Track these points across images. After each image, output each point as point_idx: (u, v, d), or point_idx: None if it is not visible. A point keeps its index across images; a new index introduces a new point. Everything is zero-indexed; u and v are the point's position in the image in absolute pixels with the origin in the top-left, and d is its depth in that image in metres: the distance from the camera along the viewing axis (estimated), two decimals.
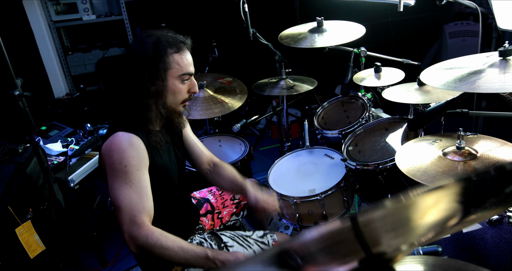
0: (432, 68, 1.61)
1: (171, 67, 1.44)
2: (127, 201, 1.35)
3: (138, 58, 1.42)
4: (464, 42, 4.60)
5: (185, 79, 1.49)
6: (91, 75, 4.04)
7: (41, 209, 1.87)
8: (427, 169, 1.43)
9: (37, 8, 3.67)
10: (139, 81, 1.43)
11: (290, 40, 2.36)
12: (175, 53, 1.45)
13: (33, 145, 1.69)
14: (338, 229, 0.59)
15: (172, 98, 1.49)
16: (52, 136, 2.73)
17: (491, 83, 1.33)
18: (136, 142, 1.40)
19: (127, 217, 1.34)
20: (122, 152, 1.37)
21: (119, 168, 1.36)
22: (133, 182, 1.37)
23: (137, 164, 1.38)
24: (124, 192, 1.36)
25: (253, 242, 1.75)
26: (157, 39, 1.43)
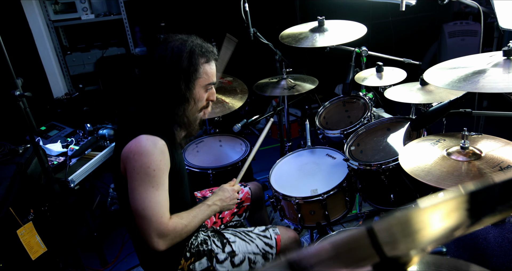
0: (435, 68, 1.61)
1: (200, 77, 1.48)
2: (154, 203, 1.38)
3: (172, 65, 1.43)
4: (463, 42, 4.60)
5: (209, 88, 1.54)
6: (90, 75, 4.02)
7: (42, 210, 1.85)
8: (431, 169, 1.43)
9: (35, 7, 3.65)
10: (172, 88, 1.44)
11: (291, 40, 2.35)
12: (205, 63, 1.48)
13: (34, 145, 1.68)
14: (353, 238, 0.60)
15: (195, 106, 1.52)
16: (51, 136, 2.72)
17: (495, 83, 1.32)
18: (162, 146, 1.42)
19: (154, 220, 1.37)
20: (150, 156, 1.37)
21: (147, 172, 1.37)
22: (159, 186, 1.40)
23: (164, 167, 1.41)
24: (151, 195, 1.38)
25: (255, 236, 1.76)
26: (191, 49, 1.45)
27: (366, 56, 2.45)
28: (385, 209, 2.02)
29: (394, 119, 2.17)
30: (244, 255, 1.68)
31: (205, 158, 2.60)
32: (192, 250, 1.65)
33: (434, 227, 0.62)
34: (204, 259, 1.63)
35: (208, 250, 1.66)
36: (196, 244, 1.67)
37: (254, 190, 2.14)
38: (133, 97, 1.55)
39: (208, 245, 1.68)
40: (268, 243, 1.74)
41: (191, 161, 2.50)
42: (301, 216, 2.07)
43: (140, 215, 1.38)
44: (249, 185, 2.15)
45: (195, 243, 1.67)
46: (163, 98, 1.46)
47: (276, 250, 1.75)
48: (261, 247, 1.72)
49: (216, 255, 1.65)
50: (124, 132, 1.50)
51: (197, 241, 1.68)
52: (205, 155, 2.63)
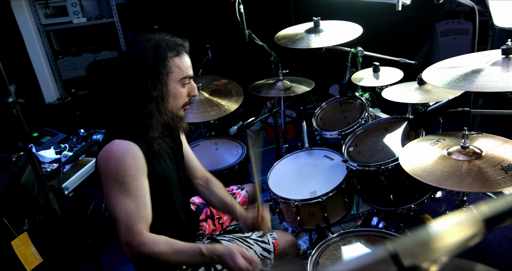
0: (433, 67, 1.60)
1: (172, 71, 1.42)
2: (124, 211, 1.32)
3: (138, 64, 1.38)
4: (455, 40, 4.63)
5: (186, 83, 1.48)
6: (82, 79, 3.97)
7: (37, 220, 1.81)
8: (433, 170, 1.42)
9: (26, 11, 3.59)
10: (140, 87, 1.39)
11: (287, 41, 2.33)
12: (175, 56, 1.42)
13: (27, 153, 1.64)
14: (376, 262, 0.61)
15: (173, 103, 1.47)
16: (44, 143, 2.66)
17: (495, 82, 1.32)
18: (133, 150, 1.36)
19: (123, 227, 1.32)
20: (119, 161, 1.33)
21: (115, 177, 1.33)
22: (130, 192, 1.34)
23: (134, 173, 1.35)
24: (121, 202, 1.33)
25: (253, 242, 1.73)
26: (156, 43, 1.40)
27: (362, 56, 2.44)
28: (385, 209, 2.01)
29: (392, 119, 2.16)
30: None
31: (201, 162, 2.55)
32: None
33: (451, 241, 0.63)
34: (201, 269, 1.60)
35: None
36: None
37: (251, 192, 2.11)
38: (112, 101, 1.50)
39: None
40: (266, 248, 1.72)
41: None
42: (300, 219, 2.05)
43: (114, 220, 1.34)
44: (245, 187, 2.13)
45: None
46: (134, 99, 1.40)
47: (274, 254, 1.73)
48: (259, 252, 1.70)
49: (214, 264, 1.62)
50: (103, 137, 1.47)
51: None
52: (201, 158, 2.59)
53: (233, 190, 2.11)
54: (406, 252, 0.60)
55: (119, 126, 1.43)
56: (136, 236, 1.31)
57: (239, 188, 2.12)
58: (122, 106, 1.44)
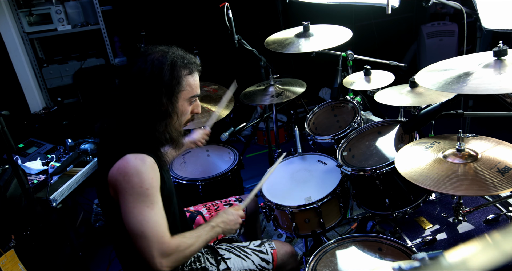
0: (426, 70, 1.59)
1: (184, 90, 1.42)
2: (152, 224, 1.30)
3: (152, 79, 1.35)
4: (441, 42, 4.68)
5: (193, 101, 1.49)
6: (68, 88, 3.90)
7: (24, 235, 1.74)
8: (429, 173, 1.41)
9: (8, 19, 3.52)
10: (151, 102, 1.37)
11: (277, 46, 2.32)
12: (188, 75, 1.42)
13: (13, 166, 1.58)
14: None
15: (180, 119, 1.46)
16: (30, 154, 2.60)
17: (489, 84, 1.31)
18: (152, 163, 1.35)
19: (155, 240, 1.30)
20: (141, 175, 1.30)
21: (140, 191, 1.29)
22: (154, 204, 1.33)
23: (156, 185, 1.35)
24: (147, 215, 1.30)
25: (251, 251, 1.70)
26: (173, 60, 1.37)
27: (352, 60, 2.44)
28: (381, 213, 1.99)
29: (385, 123, 2.15)
30: None
31: (193, 169, 2.53)
32: (185, 268, 1.58)
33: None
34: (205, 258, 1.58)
35: (202, 268, 1.59)
36: (189, 262, 1.60)
37: (250, 205, 2.09)
38: (113, 111, 1.46)
39: (201, 263, 1.61)
40: (264, 259, 1.69)
41: (179, 173, 2.42)
42: (295, 225, 2.02)
43: (139, 237, 1.29)
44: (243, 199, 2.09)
45: (188, 261, 1.60)
46: (145, 114, 1.38)
47: (272, 265, 1.70)
48: (257, 263, 1.67)
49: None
50: (107, 150, 1.42)
51: (190, 259, 1.61)
52: (193, 166, 2.56)
53: (231, 201, 2.08)
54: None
55: (129, 139, 1.39)
56: (170, 243, 1.33)
57: (237, 199, 2.09)
58: (133, 119, 1.39)
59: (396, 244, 1.63)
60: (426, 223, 1.88)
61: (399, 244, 1.62)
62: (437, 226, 1.86)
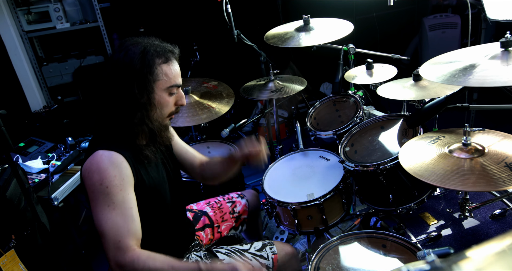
0: (430, 63, 1.56)
1: (159, 79, 1.34)
2: (111, 225, 1.24)
3: (124, 69, 1.31)
4: (444, 34, 4.62)
5: (173, 92, 1.40)
6: (68, 86, 3.88)
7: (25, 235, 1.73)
8: (435, 169, 1.37)
9: (7, 18, 3.49)
10: (125, 94, 1.32)
11: (277, 40, 2.28)
12: (163, 63, 1.35)
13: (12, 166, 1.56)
14: None
15: (159, 112, 1.39)
16: (31, 152, 2.58)
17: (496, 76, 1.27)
18: (117, 160, 1.29)
19: (111, 243, 1.23)
20: (102, 172, 1.26)
21: (100, 189, 1.25)
22: (116, 204, 1.26)
23: (119, 183, 1.27)
24: (107, 215, 1.25)
25: (251, 256, 1.67)
26: (144, 48, 1.32)
27: (353, 53, 2.40)
28: (384, 209, 1.97)
29: (388, 117, 2.12)
30: None
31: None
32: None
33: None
34: None
35: None
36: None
37: (252, 201, 2.06)
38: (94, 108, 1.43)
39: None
40: (264, 264, 1.66)
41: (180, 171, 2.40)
42: (298, 222, 2.00)
43: (100, 236, 1.26)
44: (246, 195, 2.07)
45: None
46: (120, 106, 1.33)
47: (273, 270, 1.68)
48: None
49: None
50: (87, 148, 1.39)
51: None
52: None
53: (233, 198, 2.05)
54: None
55: (103, 135, 1.36)
56: (127, 252, 1.23)
57: (239, 196, 2.07)
58: (107, 114, 1.36)
59: (401, 241, 1.60)
60: (430, 219, 1.85)
61: (403, 241, 1.59)
62: (442, 221, 1.83)
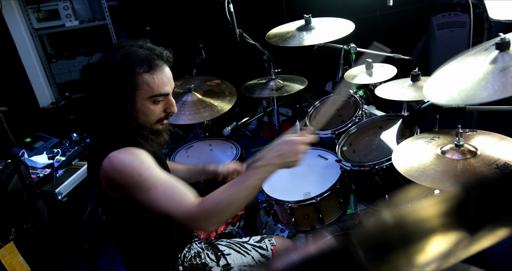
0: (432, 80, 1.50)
1: (140, 88, 1.30)
2: (164, 201, 1.25)
3: (106, 73, 1.30)
4: (452, 33, 4.57)
5: (158, 101, 1.36)
6: (76, 83, 3.95)
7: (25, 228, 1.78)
8: (425, 169, 1.38)
9: (17, 16, 3.57)
10: (108, 99, 1.31)
11: (278, 39, 2.30)
12: (145, 73, 1.30)
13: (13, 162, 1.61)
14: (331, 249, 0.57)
15: (144, 119, 1.37)
16: (37, 148, 2.64)
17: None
18: (134, 151, 1.30)
19: (176, 212, 1.24)
20: (128, 166, 1.27)
21: (134, 180, 1.26)
22: (157, 184, 1.26)
23: (147, 167, 1.28)
24: (156, 196, 1.25)
25: (251, 247, 1.70)
26: (126, 55, 1.29)
27: (355, 53, 2.40)
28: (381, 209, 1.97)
29: (386, 117, 2.12)
30: (240, 268, 1.62)
31: (195, 163, 2.54)
32: (185, 263, 1.59)
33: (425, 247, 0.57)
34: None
35: (202, 264, 1.60)
36: (189, 257, 1.61)
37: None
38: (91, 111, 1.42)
39: (201, 259, 1.62)
40: (264, 255, 1.68)
41: None
42: (295, 220, 2.01)
43: (168, 216, 1.27)
44: None
45: (188, 256, 1.61)
46: (106, 110, 1.32)
47: None
48: (257, 259, 1.67)
49: (211, 269, 1.59)
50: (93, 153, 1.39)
51: (190, 254, 1.62)
52: (196, 160, 2.57)
53: None
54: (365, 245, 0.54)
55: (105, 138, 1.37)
56: (193, 206, 1.25)
57: None
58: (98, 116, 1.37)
59: None
60: None
61: None
62: None
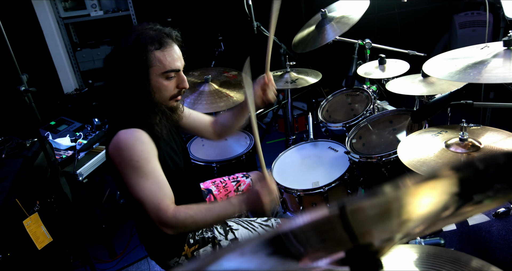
0: (434, 59, 1.59)
1: (153, 65, 1.40)
2: (148, 192, 1.37)
3: (121, 55, 1.40)
4: (474, 33, 4.51)
5: (170, 77, 1.45)
6: (99, 71, 4.07)
7: (48, 202, 1.91)
8: (427, 161, 1.42)
9: (45, 5, 3.71)
10: (125, 79, 1.41)
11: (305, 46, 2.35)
12: (156, 50, 1.40)
13: (39, 140, 1.72)
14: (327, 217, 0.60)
15: (159, 95, 1.47)
16: (61, 131, 2.78)
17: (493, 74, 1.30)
18: (141, 136, 1.40)
19: (152, 207, 1.36)
20: (131, 149, 1.38)
21: (131, 164, 1.37)
22: (149, 174, 1.38)
23: (147, 156, 1.39)
24: (143, 185, 1.37)
25: (258, 225, 1.78)
26: (138, 36, 1.39)
27: (370, 48, 2.43)
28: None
29: (397, 112, 2.15)
30: None
31: (210, 152, 2.63)
32: (196, 237, 1.68)
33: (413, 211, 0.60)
34: (208, 247, 1.67)
35: (212, 237, 1.69)
36: (201, 231, 1.70)
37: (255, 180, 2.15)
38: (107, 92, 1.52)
39: (212, 232, 1.71)
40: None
41: (196, 154, 2.53)
42: (303, 209, 2.08)
43: (142, 204, 1.39)
44: (251, 175, 2.17)
45: (199, 230, 1.70)
46: (123, 90, 1.42)
47: None
48: None
49: (219, 242, 1.68)
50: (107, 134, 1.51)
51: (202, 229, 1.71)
52: (210, 148, 2.67)
53: (238, 178, 2.15)
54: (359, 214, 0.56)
55: (119, 116, 1.47)
56: (168, 211, 1.36)
57: (244, 175, 2.17)
58: (117, 98, 1.47)
59: None
60: None
61: None
62: None
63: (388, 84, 2.05)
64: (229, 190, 2.05)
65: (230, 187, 2.06)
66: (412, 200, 0.59)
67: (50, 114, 3.01)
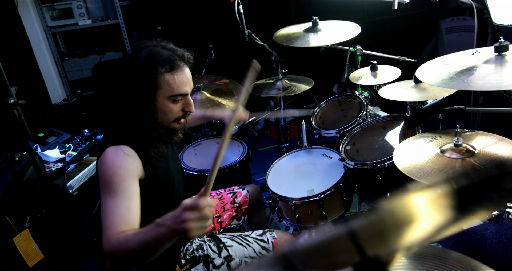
0: (426, 65, 1.60)
1: (161, 88, 1.36)
2: (107, 213, 1.24)
3: (130, 72, 1.36)
4: (460, 38, 4.59)
5: (177, 100, 1.41)
6: (88, 80, 4.04)
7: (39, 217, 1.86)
8: (423, 166, 1.43)
9: (32, 14, 3.67)
10: (130, 96, 1.37)
11: (284, 39, 2.36)
12: (167, 72, 1.35)
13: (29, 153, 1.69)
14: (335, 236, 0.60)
15: (163, 117, 1.42)
16: (49, 143, 2.72)
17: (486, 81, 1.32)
18: (124, 152, 1.34)
19: (104, 230, 1.22)
20: (109, 163, 1.31)
21: (105, 179, 1.30)
22: (116, 193, 1.26)
23: (123, 174, 1.29)
24: (107, 202, 1.26)
25: (252, 240, 1.75)
26: (149, 55, 1.35)
27: (361, 55, 2.45)
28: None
29: (390, 118, 2.16)
30: (241, 259, 1.68)
31: (202, 161, 2.60)
32: (187, 256, 1.65)
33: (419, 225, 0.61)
34: (200, 265, 1.63)
35: (204, 256, 1.66)
36: (191, 250, 1.67)
37: (253, 193, 2.14)
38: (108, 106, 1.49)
39: (204, 250, 1.68)
40: (265, 247, 1.74)
41: (189, 164, 2.50)
42: (298, 217, 2.06)
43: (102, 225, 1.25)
44: (247, 187, 2.15)
45: (190, 249, 1.67)
46: (126, 107, 1.38)
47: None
48: (258, 251, 1.72)
49: (213, 260, 1.65)
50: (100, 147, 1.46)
51: (192, 247, 1.68)
52: (203, 157, 2.64)
53: (234, 190, 2.13)
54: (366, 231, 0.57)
55: (115, 132, 1.43)
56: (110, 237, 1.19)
57: (240, 187, 2.15)
58: (117, 113, 1.43)
59: None
60: None
61: None
62: None
63: (380, 91, 2.07)
64: (225, 202, 2.03)
65: (227, 199, 2.04)
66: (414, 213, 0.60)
67: (38, 126, 2.96)
